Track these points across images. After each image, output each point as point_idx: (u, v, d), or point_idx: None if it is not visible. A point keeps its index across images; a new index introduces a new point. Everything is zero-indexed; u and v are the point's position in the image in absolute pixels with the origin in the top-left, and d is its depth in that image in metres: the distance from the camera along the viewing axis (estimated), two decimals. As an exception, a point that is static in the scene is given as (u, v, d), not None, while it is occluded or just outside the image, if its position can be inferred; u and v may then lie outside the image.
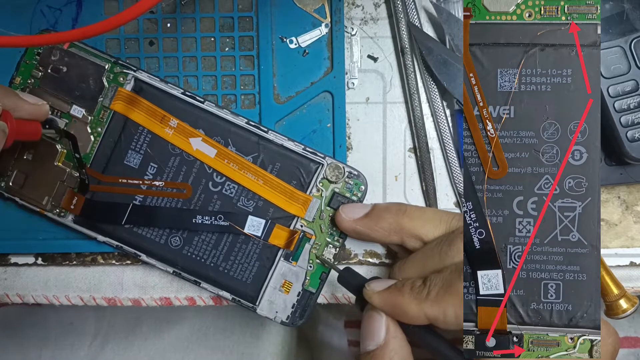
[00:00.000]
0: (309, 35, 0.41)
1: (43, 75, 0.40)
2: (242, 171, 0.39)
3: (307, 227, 0.40)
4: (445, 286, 0.33)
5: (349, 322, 0.61)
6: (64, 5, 0.41)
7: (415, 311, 0.33)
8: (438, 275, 0.34)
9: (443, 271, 0.34)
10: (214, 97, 0.41)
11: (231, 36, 0.41)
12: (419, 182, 0.43)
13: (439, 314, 0.33)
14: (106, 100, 0.40)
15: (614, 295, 0.39)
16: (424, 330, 0.35)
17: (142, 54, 0.41)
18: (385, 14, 0.42)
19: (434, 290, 0.33)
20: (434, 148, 0.42)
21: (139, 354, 0.59)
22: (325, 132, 0.41)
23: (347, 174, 0.40)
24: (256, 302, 0.40)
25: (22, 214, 0.41)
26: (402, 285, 0.35)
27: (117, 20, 0.30)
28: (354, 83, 0.42)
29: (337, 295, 0.42)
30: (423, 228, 0.37)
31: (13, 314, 0.59)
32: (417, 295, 0.34)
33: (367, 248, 0.42)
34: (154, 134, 0.39)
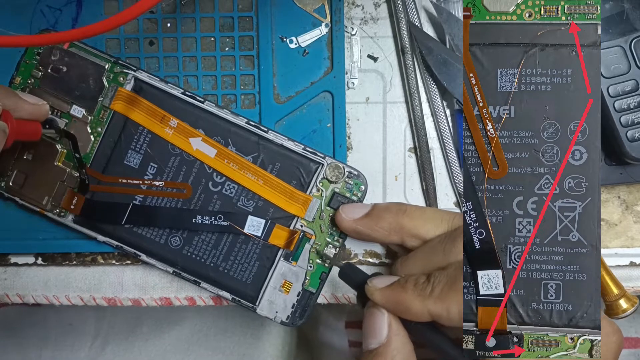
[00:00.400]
0: (309, 35, 0.41)
1: (43, 75, 0.40)
2: (242, 171, 0.39)
3: (307, 227, 0.40)
4: (450, 283, 0.33)
5: (350, 322, 0.61)
6: (64, 5, 0.41)
7: (418, 308, 0.33)
8: (442, 272, 0.34)
9: (447, 268, 0.34)
10: (214, 97, 0.41)
11: (231, 36, 0.41)
12: (419, 182, 0.42)
13: (443, 311, 0.33)
14: (106, 100, 0.40)
15: (614, 295, 0.39)
16: (426, 328, 0.35)
17: (142, 53, 0.41)
18: (386, 14, 0.42)
19: (438, 287, 0.33)
20: (434, 148, 0.42)
21: (140, 355, 0.59)
22: (325, 132, 0.41)
23: (347, 174, 0.40)
24: (256, 302, 0.40)
25: (22, 214, 0.41)
26: (405, 281, 0.35)
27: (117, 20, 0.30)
28: (354, 83, 0.42)
29: (337, 295, 0.42)
30: (423, 227, 0.37)
31: (13, 314, 0.59)
32: (421, 292, 0.33)
33: (367, 248, 0.42)
34: (154, 134, 0.39)
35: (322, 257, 0.40)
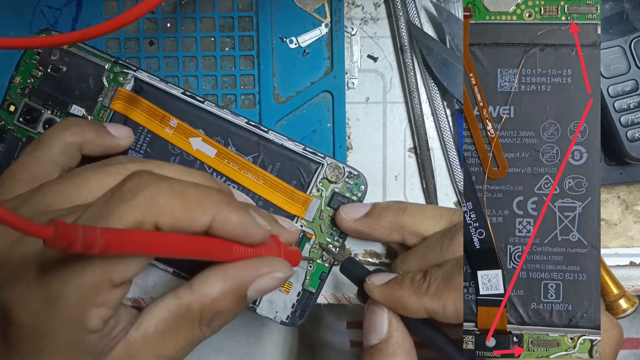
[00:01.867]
0: (309, 35, 0.41)
1: (43, 74, 0.40)
2: (242, 171, 0.39)
3: (307, 227, 0.40)
4: (445, 280, 0.33)
5: (351, 323, 0.61)
6: (64, 5, 0.41)
7: (414, 304, 0.33)
8: (438, 269, 0.34)
9: (443, 265, 0.34)
10: (214, 97, 0.41)
11: (231, 36, 0.41)
12: (419, 182, 0.42)
13: (439, 307, 0.33)
14: (106, 100, 0.40)
15: (614, 295, 0.39)
16: (424, 325, 0.35)
17: (142, 53, 0.41)
18: (385, 14, 0.42)
19: (434, 284, 0.33)
20: (434, 148, 0.42)
21: None
22: (325, 132, 0.41)
23: (347, 174, 0.40)
24: (256, 302, 0.40)
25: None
26: (402, 278, 0.35)
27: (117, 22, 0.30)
28: (353, 83, 0.42)
29: (337, 295, 0.42)
30: (424, 225, 0.37)
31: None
32: (417, 289, 0.34)
33: (367, 248, 0.42)
34: (154, 134, 0.39)
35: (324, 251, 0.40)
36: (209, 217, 0.29)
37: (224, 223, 0.29)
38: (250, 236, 0.31)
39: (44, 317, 0.26)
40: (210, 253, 0.30)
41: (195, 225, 0.29)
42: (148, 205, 0.27)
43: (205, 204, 0.29)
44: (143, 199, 0.27)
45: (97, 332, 0.27)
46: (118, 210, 0.27)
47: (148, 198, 0.27)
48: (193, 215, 0.28)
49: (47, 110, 0.40)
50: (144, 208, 0.27)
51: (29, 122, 0.40)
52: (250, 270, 0.31)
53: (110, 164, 0.32)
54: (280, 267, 0.32)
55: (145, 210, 0.27)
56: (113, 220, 0.26)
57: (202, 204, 0.29)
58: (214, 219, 0.29)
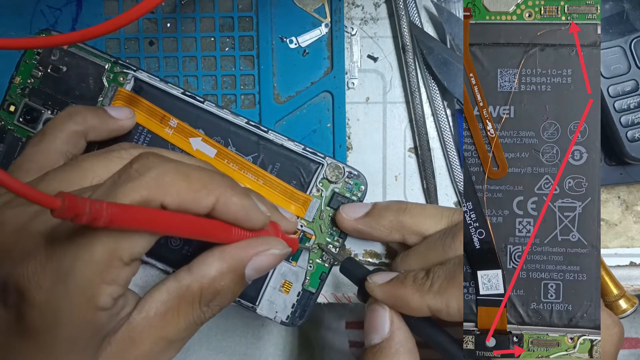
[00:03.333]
0: (309, 35, 0.41)
1: (43, 75, 0.40)
2: (242, 171, 0.39)
3: (307, 227, 0.40)
4: (449, 278, 0.33)
5: (350, 323, 0.61)
6: (64, 5, 0.41)
7: (417, 303, 0.33)
8: (441, 267, 0.34)
9: (446, 263, 0.34)
10: (214, 97, 0.41)
11: (231, 36, 0.41)
12: (419, 182, 0.43)
13: (442, 305, 0.33)
14: (106, 100, 0.40)
15: (614, 295, 0.39)
16: (426, 324, 0.35)
17: (142, 53, 0.41)
18: (386, 14, 0.42)
19: (437, 282, 0.33)
20: (434, 147, 0.42)
21: None
22: (325, 132, 0.41)
23: (347, 174, 0.40)
24: (256, 302, 0.40)
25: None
26: (405, 277, 0.35)
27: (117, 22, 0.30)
28: (354, 83, 0.42)
29: (337, 295, 0.42)
30: (424, 224, 0.37)
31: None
32: (420, 287, 0.33)
33: (367, 248, 0.42)
34: (154, 134, 0.39)
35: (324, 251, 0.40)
36: (212, 199, 0.29)
37: (226, 205, 0.30)
38: (251, 220, 0.31)
39: (56, 295, 0.27)
40: (211, 234, 0.30)
41: (199, 206, 0.29)
42: (154, 184, 0.28)
43: (209, 186, 0.29)
44: (150, 178, 0.28)
45: (107, 309, 0.28)
46: (125, 188, 0.27)
47: (155, 177, 0.28)
48: (198, 196, 0.29)
49: (47, 111, 0.40)
50: (150, 187, 0.27)
51: (29, 122, 0.40)
52: (247, 249, 0.32)
53: (114, 149, 0.33)
54: (276, 244, 0.33)
55: (152, 189, 0.27)
56: (120, 197, 0.27)
57: (206, 186, 0.29)
58: (217, 201, 0.30)
